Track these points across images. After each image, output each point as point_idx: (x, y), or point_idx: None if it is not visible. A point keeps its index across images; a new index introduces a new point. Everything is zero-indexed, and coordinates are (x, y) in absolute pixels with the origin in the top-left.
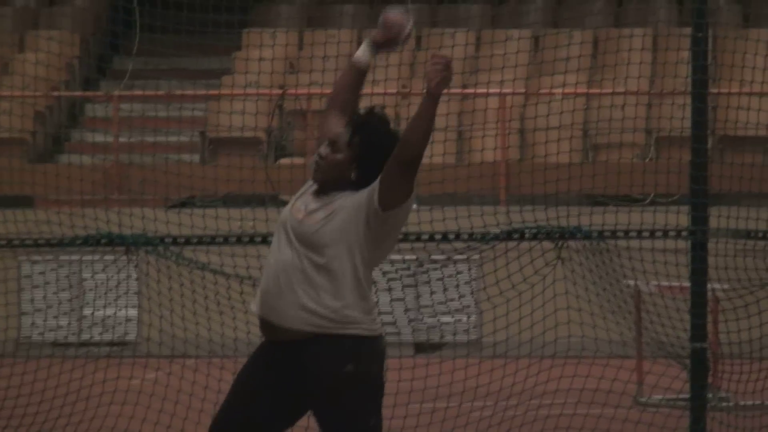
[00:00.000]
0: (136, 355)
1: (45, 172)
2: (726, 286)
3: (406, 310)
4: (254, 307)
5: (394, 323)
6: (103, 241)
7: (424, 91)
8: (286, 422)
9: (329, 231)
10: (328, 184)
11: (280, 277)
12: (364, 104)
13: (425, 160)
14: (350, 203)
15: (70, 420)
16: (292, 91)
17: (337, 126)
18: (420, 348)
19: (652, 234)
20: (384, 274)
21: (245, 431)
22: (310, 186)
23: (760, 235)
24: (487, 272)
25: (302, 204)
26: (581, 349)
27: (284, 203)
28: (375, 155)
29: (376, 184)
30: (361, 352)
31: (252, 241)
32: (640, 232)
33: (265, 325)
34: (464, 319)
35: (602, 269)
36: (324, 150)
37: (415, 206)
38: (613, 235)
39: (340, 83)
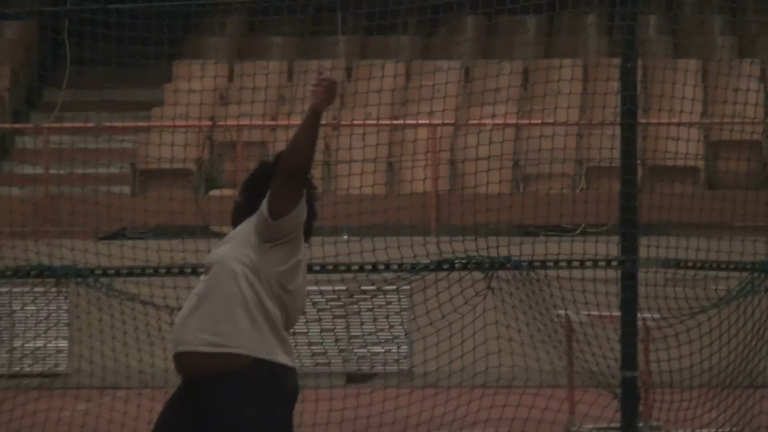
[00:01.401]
0: (66, 386)
1: None
2: (656, 315)
3: (337, 341)
4: None
5: (324, 353)
6: (33, 272)
7: (308, 107)
8: None
9: (221, 250)
10: (238, 224)
11: (185, 307)
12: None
13: (355, 191)
14: (243, 226)
15: None
16: (222, 122)
17: None
18: (351, 378)
19: (582, 264)
20: (314, 304)
21: None
22: None
23: (690, 264)
24: (417, 302)
25: None
26: (512, 378)
27: (214, 234)
28: (258, 196)
29: (266, 198)
30: (263, 394)
31: (182, 272)
32: (570, 261)
33: (175, 359)
34: (394, 349)
35: (532, 299)
36: (237, 195)
37: (345, 236)
38: (543, 265)
39: None
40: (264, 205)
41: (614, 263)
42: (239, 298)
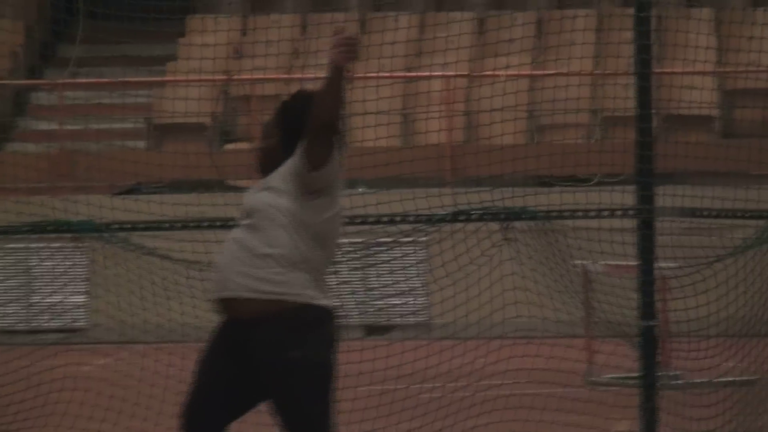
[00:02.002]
0: (85, 341)
1: None
2: (674, 264)
3: (354, 293)
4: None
5: (341, 306)
6: (50, 228)
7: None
8: (249, 403)
9: (261, 197)
10: (268, 169)
11: (225, 253)
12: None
13: (370, 143)
14: (281, 171)
15: (20, 407)
16: (236, 76)
17: None
18: (369, 330)
19: (599, 213)
20: None
21: (211, 415)
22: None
23: (706, 213)
24: (434, 254)
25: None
26: (530, 329)
27: (230, 188)
28: (296, 125)
29: (300, 150)
30: (308, 336)
31: (198, 226)
32: (586, 211)
33: (218, 304)
34: (412, 301)
35: (549, 249)
36: (259, 143)
37: (361, 189)
38: (560, 215)
39: None
40: (300, 159)
41: (631, 212)
42: (282, 246)
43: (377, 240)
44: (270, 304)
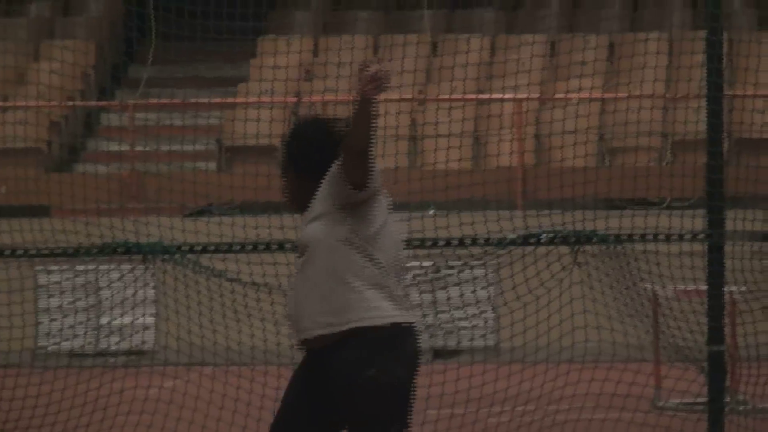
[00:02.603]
0: (153, 363)
1: (61, 181)
2: (743, 289)
3: (424, 316)
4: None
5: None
6: (119, 249)
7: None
8: (333, 427)
9: (312, 230)
10: (303, 204)
11: (291, 295)
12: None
13: (441, 166)
14: (319, 198)
15: (88, 430)
16: (307, 98)
17: None
18: (438, 354)
19: (669, 237)
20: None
21: None
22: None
23: None
24: (504, 277)
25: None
26: (598, 353)
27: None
28: (310, 156)
29: (335, 176)
30: (383, 355)
31: (268, 248)
32: (656, 235)
33: (298, 343)
34: (481, 324)
35: (619, 273)
36: (282, 183)
37: (431, 212)
38: (630, 238)
39: None
40: (343, 183)
41: (701, 236)
42: (344, 273)
43: (447, 263)
44: (343, 333)
